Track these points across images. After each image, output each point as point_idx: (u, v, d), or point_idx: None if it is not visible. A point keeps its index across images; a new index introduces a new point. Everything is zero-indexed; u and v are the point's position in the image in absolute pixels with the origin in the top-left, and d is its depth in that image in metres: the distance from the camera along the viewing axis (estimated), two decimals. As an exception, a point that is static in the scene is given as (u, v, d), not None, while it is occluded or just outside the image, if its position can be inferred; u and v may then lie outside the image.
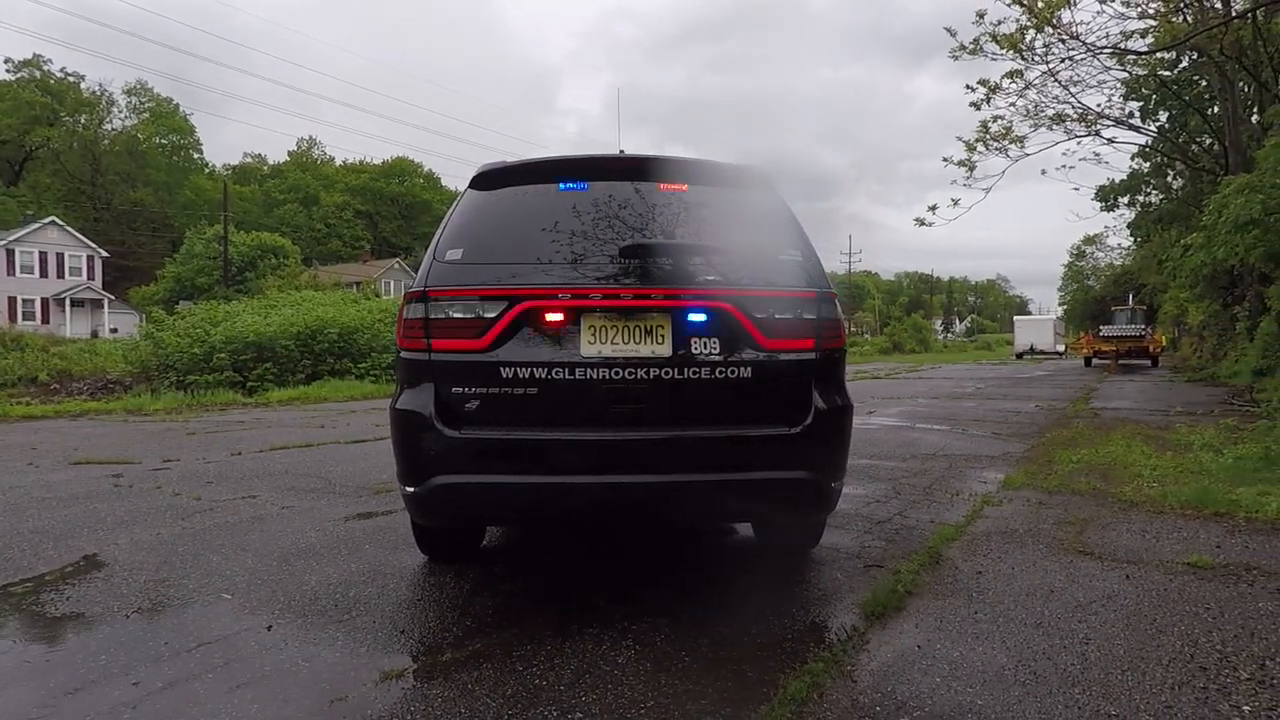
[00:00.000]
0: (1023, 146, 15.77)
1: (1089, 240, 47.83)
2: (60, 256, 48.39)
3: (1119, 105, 19.52)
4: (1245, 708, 2.24)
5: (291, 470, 6.18)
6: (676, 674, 2.49)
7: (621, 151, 3.45)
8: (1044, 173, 27.55)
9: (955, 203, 15.29)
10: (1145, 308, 36.11)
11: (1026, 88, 15.14)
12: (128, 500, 5.04)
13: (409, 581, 3.42)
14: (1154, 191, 24.67)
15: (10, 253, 46.26)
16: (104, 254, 51.16)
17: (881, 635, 2.81)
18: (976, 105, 15.46)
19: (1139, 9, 13.92)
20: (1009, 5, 13.19)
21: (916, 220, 15.56)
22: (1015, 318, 59.55)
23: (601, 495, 2.87)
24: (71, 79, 63.80)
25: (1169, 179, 24.32)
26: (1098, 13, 23.98)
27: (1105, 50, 13.97)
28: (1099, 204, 23.09)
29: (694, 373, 2.88)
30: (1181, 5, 14.88)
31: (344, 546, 3.95)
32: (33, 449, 7.44)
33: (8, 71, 61.64)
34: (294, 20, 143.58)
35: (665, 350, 2.88)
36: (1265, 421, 8.39)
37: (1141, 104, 20.36)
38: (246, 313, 17.06)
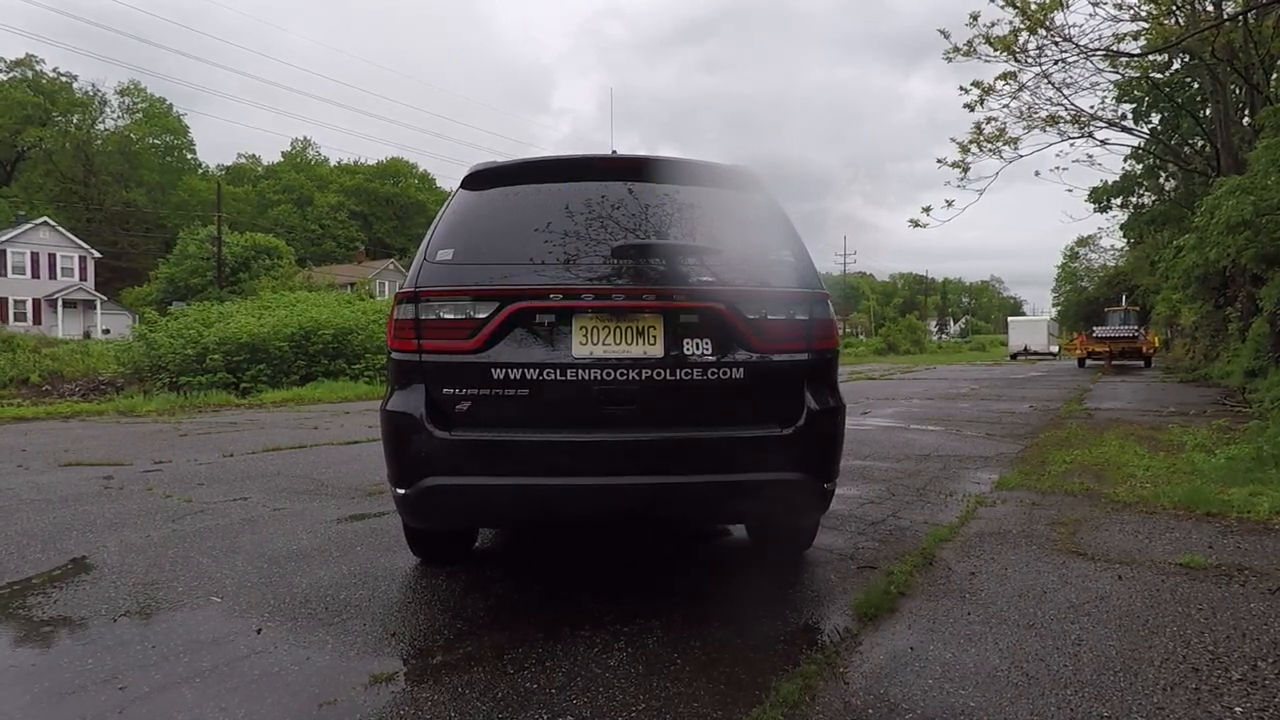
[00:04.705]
0: (1016, 148, 15.78)
1: (1082, 241, 48.00)
2: (52, 257, 48.15)
3: (1112, 107, 19.64)
4: (1237, 709, 2.24)
5: (284, 472, 6.15)
6: (668, 676, 2.48)
7: (614, 151, 3.44)
8: (1038, 174, 27.60)
9: (949, 204, 15.21)
10: (1138, 309, 36.28)
11: (1020, 89, 15.18)
12: (118, 502, 5.01)
13: (400, 584, 3.40)
14: (1146, 193, 24.81)
15: (2, 253, 46.00)
16: (96, 254, 50.92)
17: (874, 637, 2.80)
18: (970, 107, 15.47)
19: (1131, 12, 13.99)
20: (1002, 7, 13.24)
21: (911, 221, 15.50)
22: (1009, 319, 59.71)
23: (593, 497, 2.85)
24: (64, 79, 63.49)
25: (1161, 180, 24.45)
26: (1090, 15, 24.00)
27: (1098, 52, 14.02)
28: (1092, 205, 23.18)
29: (686, 374, 2.87)
30: (1173, 8, 14.95)
31: (335, 549, 3.92)
32: (23, 451, 7.38)
33: (0, 71, 61.37)
34: (287, 21, 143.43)
35: (657, 351, 2.87)
36: (1257, 422, 8.42)
37: (1134, 106, 20.45)
38: (240, 314, 17.03)
